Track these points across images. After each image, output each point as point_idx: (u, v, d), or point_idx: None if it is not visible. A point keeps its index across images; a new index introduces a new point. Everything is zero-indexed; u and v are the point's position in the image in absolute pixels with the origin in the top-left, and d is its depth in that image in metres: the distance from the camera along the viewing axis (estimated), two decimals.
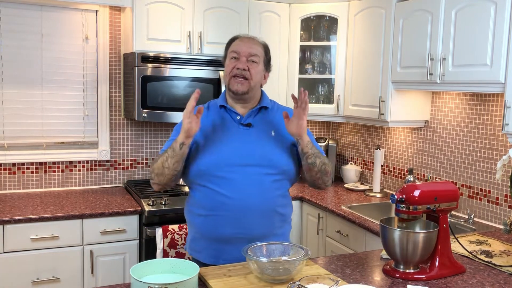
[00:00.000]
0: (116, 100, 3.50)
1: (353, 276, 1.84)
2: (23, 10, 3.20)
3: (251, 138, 1.98)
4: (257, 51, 2.01)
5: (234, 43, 2.05)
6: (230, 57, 2.01)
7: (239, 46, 2.01)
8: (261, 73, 2.04)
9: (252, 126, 2.01)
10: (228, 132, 1.99)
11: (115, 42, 3.45)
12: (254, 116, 2.03)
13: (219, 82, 3.30)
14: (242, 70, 1.96)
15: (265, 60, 2.06)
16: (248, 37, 2.09)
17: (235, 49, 2.00)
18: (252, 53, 1.99)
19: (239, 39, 2.06)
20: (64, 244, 2.82)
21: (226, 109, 2.04)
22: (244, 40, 2.04)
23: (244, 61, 1.98)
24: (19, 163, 3.28)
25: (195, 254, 2.04)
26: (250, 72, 1.97)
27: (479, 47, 2.42)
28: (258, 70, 2.00)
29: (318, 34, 3.67)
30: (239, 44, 2.02)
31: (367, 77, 3.25)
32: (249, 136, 1.98)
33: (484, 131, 2.83)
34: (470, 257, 2.11)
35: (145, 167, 3.64)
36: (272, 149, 1.97)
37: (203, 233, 1.99)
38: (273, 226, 2.00)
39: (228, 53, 2.04)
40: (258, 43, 2.06)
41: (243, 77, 1.96)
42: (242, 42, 2.03)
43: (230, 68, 1.99)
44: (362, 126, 3.84)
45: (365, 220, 2.79)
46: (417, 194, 1.82)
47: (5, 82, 3.20)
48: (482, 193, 2.85)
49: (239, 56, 1.99)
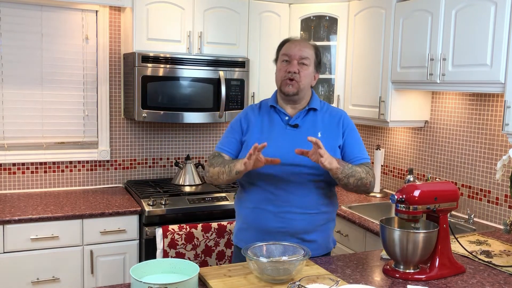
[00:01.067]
0: (116, 100, 3.50)
1: (353, 276, 1.84)
2: (23, 10, 3.20)
3: (297, 138, 2.02)
4: (308, 54, 2.05)
5: (286, 46, 2.09)
6: (282, 59, 2.07)
7: (290, 49, 2.05)
8: (311, 75, 2.09)
9: (299, 127, 2.06)
10: (276, 132, 2.06)
11: (115, 42, 3.45)
12: (302, 117, 2.08)
13: (219, 82, 3.30)
14: (293, 73, 2.02)
15: (316, 62, 2.10)
16: (299, 39, 2.14)
17: (286, 52, 2.05)
18: (303, 56, 2.04)
19: (290, 42, 2.10)
20: (64, 244, 2.83)
21: (276, 109, 2.11)
22: (295, 43, 2.07)
23: (295, 64, 2.03)
24: (19, 163, 3.28)
25: (241, 244, 2.09)
26: (300, 75, 2.03)
27: (479, 47, 2.42)
28: (308, 72, 2.06)
29: (318, 34, 3.67)
30: (290, 47, 2.06)
31: (367, 77, 3.25)
32: (295, 136, 2.04)
33: (484, 131, 2.83)
34: (470, 257, 2.11)
35: (145, 167, 3.64)
36: None
37: (250, 224, 2.08)
38: (315, 223, 2.06)
39: (280, 55, 2.09)
40: (309, 45, 2.10)
41: (293, 79, 2.03)
42: (293, 45, 2.06)
43: (282, 72, 2.05)
44: (362, 126, 3.84)
45: (365, 220, 2.79)
46: (417, 194, 1.82)
47: (5, 82, 3.20)
48: (482, 193, 2.85)
49: (291, 59, 2.04)
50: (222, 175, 1.99)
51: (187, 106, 3.26)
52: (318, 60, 2.12)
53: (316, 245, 2.07)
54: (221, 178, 2.00)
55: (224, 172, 1.98)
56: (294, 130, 2.05)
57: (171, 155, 3.71)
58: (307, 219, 2.03)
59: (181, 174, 3.51)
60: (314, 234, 2.06)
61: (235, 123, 2.15)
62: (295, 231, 2.02)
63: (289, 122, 2.07)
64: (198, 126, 3.76)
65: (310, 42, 2.14)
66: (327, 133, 2.06)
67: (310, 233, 2.05)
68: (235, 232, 2.19)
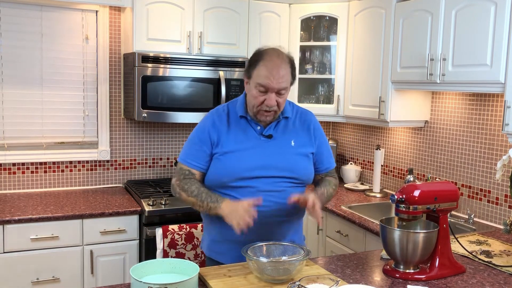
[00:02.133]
0: (116, 100, 3.50)
1: (353, 276, 1.84)
2: (23, 10, 3.20)
3: (272, 149, 1.98)
4: (286, 83, 1.89)
5: (261, 73, 1.87)
6: (258, 88, 1.89)
7: (267, 80, 1.86)
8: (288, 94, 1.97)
9: (272, 137, 2.00)
10: (249, 143, 1.97)
11: (115, 42, 3.45)
12: (275, 127, 2.01)
13: (219, 82, 3.30)
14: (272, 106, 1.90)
15: (291, 81, 1.95)
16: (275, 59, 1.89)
17: (263, 83, 1.87)
18: (282, 87, 1.88)
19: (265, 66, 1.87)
20: (64, 244, 2.82)
21: (247, 120, 2.00)
22: (273, 72, 1.86)
23: (274, 97, 1.88)
24: (19, 163, 3.28)
25: (216, 256, 2.04)
26: (279, 106, 1.93)
27: (479, 47, 2.42)
28: (286, 97, 1.94)
29: (318, 34, 3.67)
30: (267, 76, 1.86)
31: (367, 77, 3.25)
32: (270, 147, 1.98)
33: (484, 131, 2.83)
34: (470, 257, 2.11)
35: (145, 167, 3.64)
36: (293, 160, 1.99)
37: (226, 237, 1.99)
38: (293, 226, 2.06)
39: (254, 81, 1.90)
40: (286, 67, 1.90)
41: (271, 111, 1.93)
42: (270, 75, 1.86)
43: (258, 102, 1.90)
44: (362, 126, 3.84)
45: (365, 220, 2.79)
46: (417, 194, 1.82)
47: (5, 82, 3.20)
48: (482, 193, 2.85)
49: (268, 91, 1.88)
50: (198, 208, 1.95)
51: (187, 106, 3.26)
52: (294, 75, 1.95)
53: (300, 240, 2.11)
54: (195, 208, 1.96)
55: (200, 207, 1.93)
56: (268, 141, 1.98)
57: (171, 155, 3.71)
58: (286, 225, 2.01)
59: None
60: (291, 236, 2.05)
61: (202, 133, 1.98)
62: (275, 238, 1.97)
63: (262, 133, 1.99)
64: None
65: (285, 57, 1.92)
66: (299, 141, 2.03)
67: (287, 235, 2.02)
68: (208, 244, 2.08)
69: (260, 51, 1.95)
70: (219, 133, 1.97)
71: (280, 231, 2.00)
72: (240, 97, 2.06)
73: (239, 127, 1.99)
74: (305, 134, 2.05)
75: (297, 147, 2.01)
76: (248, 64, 1.96)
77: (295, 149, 2.00)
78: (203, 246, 2.14)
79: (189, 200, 1.96)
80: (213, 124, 1.99)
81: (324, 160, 2.11)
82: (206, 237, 2.12)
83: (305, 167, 2.02)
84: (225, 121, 2.00)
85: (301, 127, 2.06)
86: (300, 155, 2.01)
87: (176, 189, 2.01)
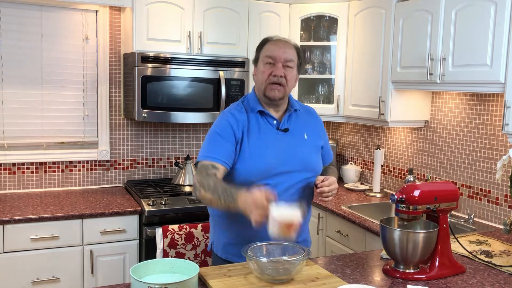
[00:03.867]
0: (116, 100, 3.50)
1: (353, 276, 1.84)
2: (23, 10, 3.20)
3: (289, 143, 2.00)
4: (292, 56, 1.96)
5: (268, 47, 1.97)
6: (265, 62, 1.95)
7: (274, 51, 1.94)
8: (295, 77, 2.02)
9: (289, 131, 2.03)
10: (267, 138, 1.98)
11: (115, 42, 3.45)
12: (289, 120, 2.05)
13: (219, 82, 3.30)
14: (279, 77, 1.93)
15: (298, 63, 2.01)
16: (281, 39, 2.01)
17: (270, 54, 1.94)
18: (288, 58, 1.94)
19: (272, 42, 1.98)
20: (64, 244, 2.83)
21: (263, 114, 2.01)
22: (279, 44, 1.96)
23: (281, 67, 1.93)
24: (19, 163, 3.28)
25: (235, 259, 1.99)
26: (286, 79, 1.95)
27: (479, 47, 2.42)
28: (293, 75, 1.98)
29: (318, 34, 3.67)
30: (274, 49, 1.95)
31: (367, 77, 3.25)
32: (287, 141, 2.01)
33: (484, 131, 2.83)
34: (470, 257, 2.11)
35: (145, 167, 3.64)
36: (308, 153, 2.03)
37: (245, 237, 1.92)
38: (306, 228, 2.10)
39: (262, 57, 1.97)
40: (291, 46, 1.99)
41: (279, 83, 1.94)
42: (276, 47, 1.95)
43: (266, 75, 1.94)
44: (362, 126, 3.84)
45: (365, 220, 2.79)
46: (417, 194, 1.82)
47: (5, 82, 3.20)
48: (482, 193, 2.85)
49: (275, 61, 1.93)
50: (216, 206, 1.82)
51: (187, 106, 3.26)
52: (300, 61, 2.02)
53: (306, 243, 2.13)
54: (213, 206, 1.86)
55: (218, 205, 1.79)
56: (285, 135, 2.01)
57: (171, 155, 3.71)
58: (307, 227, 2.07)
59: (181, 174, 3.51)
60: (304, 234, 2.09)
61: (224, 129, 1.95)
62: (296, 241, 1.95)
63: (279, 127, 2.02)
64: (198, 126, 3.76)
65: (291, 42, 2.02)
66: (311, 134, 2.09)
67: (302, 233, 2.05)
68: (223, 247, 2.05)
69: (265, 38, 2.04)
70: (243, 128, 1.96)
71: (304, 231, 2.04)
72: (250, 94, 2.09)
73: (258, 124, 2.00)
74: (314, 128, 2.11)
75: (310, 140, 2.06)
76: (255, 53, 2.04)
77: (308, 142, 2.05)
78: (217, 249, 2.09)
79: (207, 198, 1.81)
80: (235, 120, 1.97)
81: (329, 152, 2.22)
82: (220, 240, 2.07)
83: (317, 159, 2.08)
84: (244, 115, 1.99)
85: (309, 120, 2.12)
86: (313, 148, 2.06)
87: (196, 185, 1.84)
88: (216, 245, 2.10)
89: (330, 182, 1.94)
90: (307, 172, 2.01)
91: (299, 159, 2.00)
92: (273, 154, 1.96)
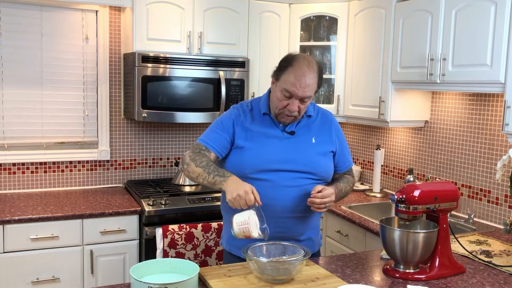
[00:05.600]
0: (116, 100, 3.50)
1: (353, 276, 1.84)
2: (23, 10, 3.20)
3: (293, 145, 2.02)
4: (311, 91, 1.94)
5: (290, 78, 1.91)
6: (283, 92, 1.94)
7: (294, 87, 1.91)
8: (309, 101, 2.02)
9: (294, 134, 2.04)
10: (271, 137, 2.02)
11: (115, 42, 3.45)
12: (297, 124, 2.06)
13: (219, 82, 3.30)
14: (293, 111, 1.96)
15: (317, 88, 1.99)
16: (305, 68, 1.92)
17: (289, 90, 1.91)
18: (306, 95, 1.93)
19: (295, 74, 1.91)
20: (64, 244, 2.82)
21: (270, 117, 2.05)
22: (301, 80, 1.90)
23: (297, 103, 1.94)
24: (19, 163, 3.28)
25: (236, 251, 2.06)
26: (300, 111, 1.98)
27: (479, 47, 2.42)
28: (307, 104, 1.99)
29: (318, 34, 3.67)
30: (294, 83, 1.91)
31: (367, 77, 3.25)
32: (291, 143, 2.02)
33: (484, 131, 2.83)
34: (470, 257, 2.11)
35: (145, 167, 3.64)
36: (313, 156, 2.03)
37: None
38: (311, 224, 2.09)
39: (281, 84, 1.94)
40: (314, 76, 1.93)
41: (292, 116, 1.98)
42: (298, 82, 1.90)
43: (281, 106, 1.96)
44: (362, 126, 3.84)
45: (365, 220, 2.79)
46: (417, 194, 1.82)
47: (5, 82, 3.20)
48: (482, 193, 2.85)
49: (293, 97, 1.93)
50: (202, 180, 1.91)
51: (187, 106, 3.26)
52: (319, 83, 1.99)
53: (311, 243, 2.11)
54: (199, 180, 1.92)
55: (205, 179, 1.90)
56: (290, 137, 2.03)
57: (171, 155, 3.71)
58: (303, 221, 2.04)
59: (181, 174, 3.51)
60: (309, 233, 2.09)
61: (226, 120, 2.04)
62: (291, 235, 2.01)
63: (285, 129, 2.04)
64: (198, 126, 3.76)
65: (314, 68, 1.94)
66: (320, 139, 2.08)
67: (305, 232, 2.06)
68: (227, 239, 2.13)
69: (291, 56, 1.99)
70: (242, 126, 2.02)
71: (298, 227, 2.03)
72: (264, 95, 2.11)
73: (262, 123, 2.04)
74: (326, 133, 2.11)
75: (318, 145, 2.06)
76: (278, 67, 2.01)
77: (316, 146, 2.05)
78: (222, 241, 2.19)
79: (196, 170, 1.92)
80: (238, 116, 2.04)
81: (344, 159, 2.17)
82: (225, 233, 2.16)
83: (325, 164, 2.06)
84: (249, 116, 2.06)
85: (322, 126, 2.11)
86: (320, 152, 2.05)
87: (186, 159, 1.98)
88: (223, 238, 2.19)
89: (324, 195, 1.89)
90: (309, 173, 2.01)
91: (301, 161, 2.00)
92: (270, 151, 1.98)
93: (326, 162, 2.07)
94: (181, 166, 2.01)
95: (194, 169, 1.93)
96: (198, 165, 1.93)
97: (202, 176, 1.91)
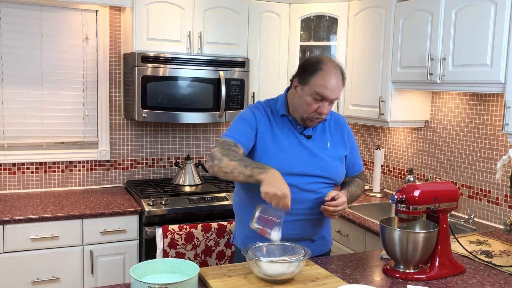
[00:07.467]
0: (116, 100, 3.50)
1: (353, 276, 1.84)
2: (23, 10, 3.20)
3: (310, 149, 2.03)
4: (340, 93, 1.97)
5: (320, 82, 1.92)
6: (313, 96, 1.94)
7: (326, 90, 1.92)
8: None
9: (311, 138, 2.05)
10: (291, 142, 2.02)
11: (115, 42, 3.45)
12: (313, 128, 2.07)
13: (219, 82, 3.30)
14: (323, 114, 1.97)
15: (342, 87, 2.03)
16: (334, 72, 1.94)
17: (321, 93, 1.92)
18: (336, 97, 1.96)
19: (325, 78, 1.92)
20: (64, 244, 2.83)
21: (288, 119, 2.06)
22: (332, 83, 1.92)
23: (327, 105, 1.96)
24: (19, 163, 3.28)
25: None
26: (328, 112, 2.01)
27: (479, 47, 2.42)
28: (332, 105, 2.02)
29: (318, 34, 3.67)
30: (326, 86, 1.92)
31: (367, 77, 3.25)
32: (308, 147, 2.03)
33: (484, 131, 2.83)
34: (470, 257, 2.11)
35: (145, 167, 3.64)
36: (328, 161, 2.04)
37: None
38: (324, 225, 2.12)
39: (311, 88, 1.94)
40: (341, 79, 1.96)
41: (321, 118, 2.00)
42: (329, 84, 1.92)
43: (311, 109, 1.96)
44: (362, 126, 3.83)
45: (365, 220, 2.79)
46: (417, 194, 1.82)
47: (5, 82, 3.20)
48: (482, 193, 2.85)
49: (324, 100, 1.94)
50: (237, 174, 1.81)
51: (187, 106, 3.26)
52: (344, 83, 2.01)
53: (324, 242, 2.15)
54: (234, 175, 1.82)
55: (241, 172, 1.80)
56: (307, 141, 2.04)
57: (171, 155, 3.71)
58: (319, 223, 2.07)
59: (181, 174, 3.51)
60: (322, 232, 2.12)
61: (250, 117, 2.02)
62: (307, 236, 2.05)
63: (303, 132, 2.05)
64: (198, 126, 3.76)
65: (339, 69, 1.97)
66: (335, 143, 2.10)
67: (319, 233, 2.10)
68: (242, 239, 2.12)
69: (317, 59, 1.98)
70: (264, 126, 2.02)
71: (313, 229, 2.06)
72: (281, 96, 2.11)
73: (281, 125, 2.05)
74: (339, 137, 2.13)
75: (332, 149, 2.08)
76: (302, 70, 1.99)
77: (330, 151, 2.07)
78: (237, 241, 2.18)
79: (230, 164, 1.82)
80: (261, 115, 2.04)
81: (355, 163, 2.20)
82: (240, 232, 2.15)
83: (340, 169, 2.09)
84: (266, 116, 2.06)
85: (335, 130, 2.13)
86: (335, 157, 2.07)
87: (217, 155, 1.86)
88: (237, 237, 2.18)
89: (337, 203, 1.91)
90: (324, 178, 2.02)
91: (318, 165, 2.01)
92: (291, 157, 1.99)
93: (341, 166, 2.10)
94: (210, 163, 1.89)
95: (228, 163, 1.83)
96: (233, 159, 1.83)
97: (238, 170, 1.81)
